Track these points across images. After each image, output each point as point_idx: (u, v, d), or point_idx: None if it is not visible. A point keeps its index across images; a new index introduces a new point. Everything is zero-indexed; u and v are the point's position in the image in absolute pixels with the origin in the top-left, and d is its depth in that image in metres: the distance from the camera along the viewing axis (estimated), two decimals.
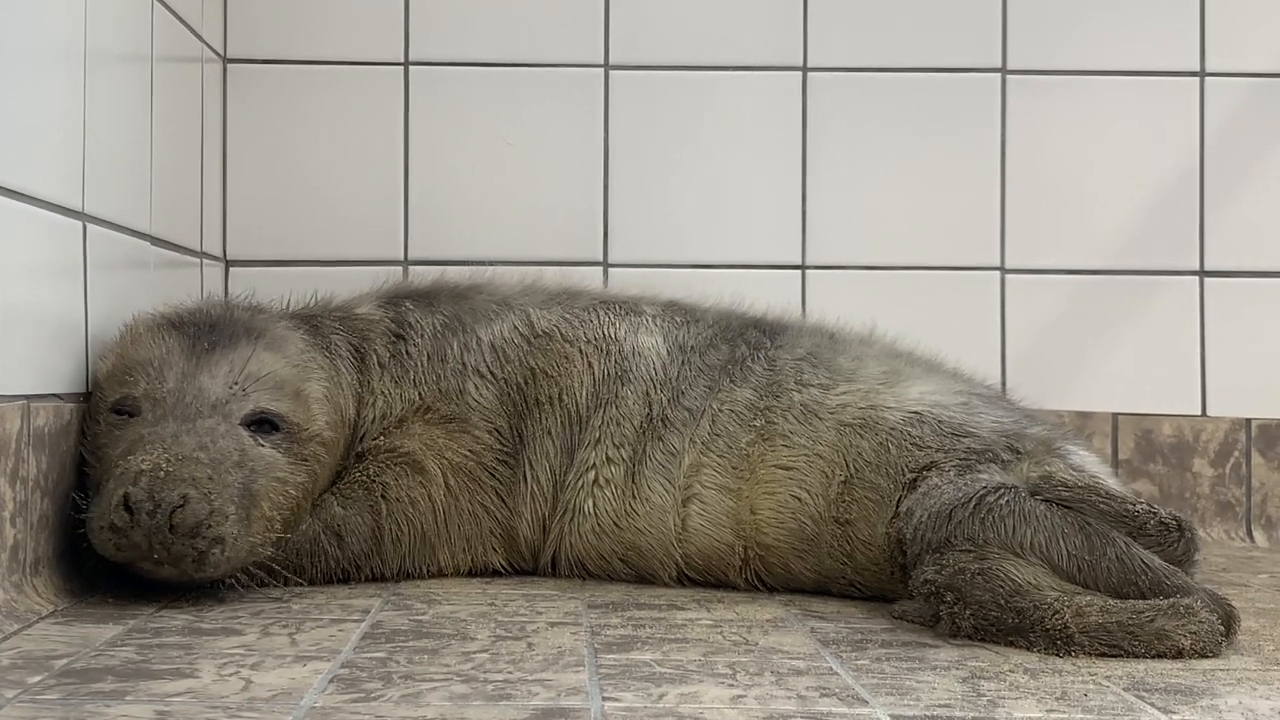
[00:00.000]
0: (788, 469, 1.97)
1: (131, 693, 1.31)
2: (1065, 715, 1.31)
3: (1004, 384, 2.64)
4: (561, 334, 2.11)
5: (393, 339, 2.10)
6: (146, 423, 1.78)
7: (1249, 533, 2.70)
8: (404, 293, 2.18)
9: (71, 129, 1.86)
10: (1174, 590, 1.63)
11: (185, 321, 1.93)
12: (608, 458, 2.04)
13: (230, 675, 1.39)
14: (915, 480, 1.85)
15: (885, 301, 2.54)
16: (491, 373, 2.08)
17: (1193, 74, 2.74)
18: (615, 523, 2.03)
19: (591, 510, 2.03)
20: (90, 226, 1.92)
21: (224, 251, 2.68)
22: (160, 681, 1.36)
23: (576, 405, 2.07)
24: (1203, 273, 2.74)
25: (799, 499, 1.95)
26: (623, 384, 2.06)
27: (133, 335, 1.92)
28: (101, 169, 1.96)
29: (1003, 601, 1.63)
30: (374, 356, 2.08)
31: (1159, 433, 2.71)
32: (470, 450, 2.05)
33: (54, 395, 1.78)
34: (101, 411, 1.84)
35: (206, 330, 1.91)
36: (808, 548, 1.95)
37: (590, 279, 2.56)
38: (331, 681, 1.37)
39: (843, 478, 1.93)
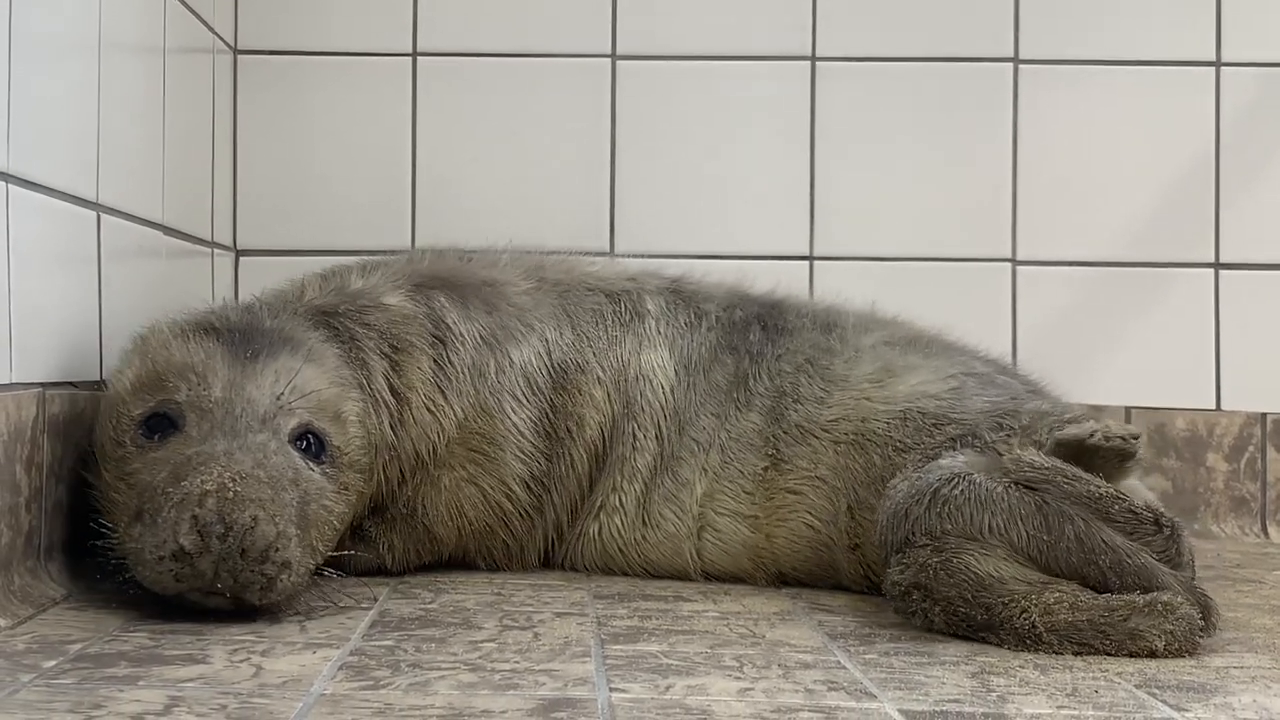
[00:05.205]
0: (796, 493, 1.95)
1: (144, 677, 1.32)
2: (1076, 712, 1.30)
3: None
4: (576, 364, 2.04)
5: (434, 341, 1.98)
6: (192, 440, 1.62)
7: (1264, 528, 2.68)
8: (431, 281, 2.05)
9: (86, 120, 1.87)
10: (1136, 570, 1.58)
11: (219, 326, 1.77)
12: (620, 489, 2.02)
13: (241, 661, 1.40)
14: None
15: (894, 292, 2.50)
16: (524, 399, 2.00)
17: (1209, 64, 2.73)
18: (622, 550, 2.02)
19: (598, 536, 2.02)
20: (104, 216, 1.93)
21: (234, 241, 2.68)
22: (173, 667, 1.36)
23: (595, 445, 2.03)
24: (1218, 265, 2.72)
25: (812, 527, 1.93)
26: (633, 418, 2.03)
27: (160, 341, 1.75)
28: (115, 159, 1.96)
29: (969, 596, 1.60)
30: (415, 370, 1.95)
31: (1172, 426, 2.70)
32: (497, 498, 1.99)
33: (68, 383, 1.78)
34: (127, 430, 1.67)
35: (245, 336, 1.75)
36: (827, 575, 1.95)
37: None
38: (341, 669, 1.38)
39: (847, 503, 1.90)
